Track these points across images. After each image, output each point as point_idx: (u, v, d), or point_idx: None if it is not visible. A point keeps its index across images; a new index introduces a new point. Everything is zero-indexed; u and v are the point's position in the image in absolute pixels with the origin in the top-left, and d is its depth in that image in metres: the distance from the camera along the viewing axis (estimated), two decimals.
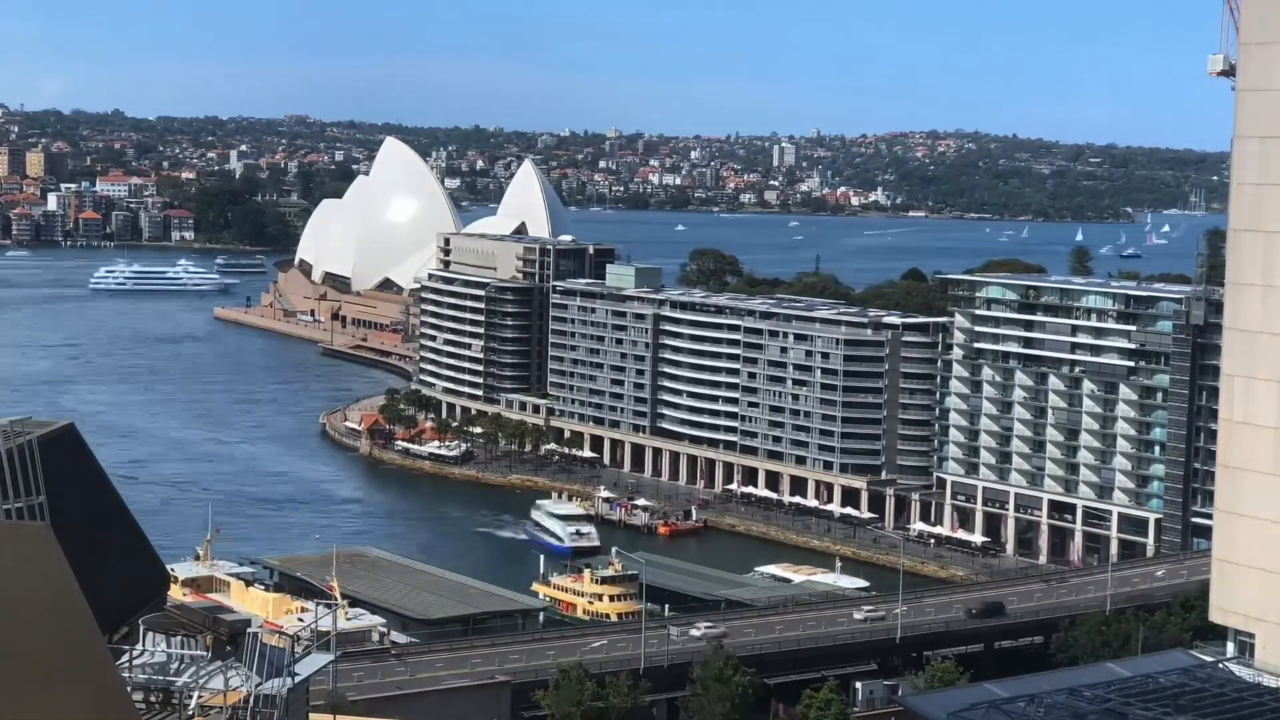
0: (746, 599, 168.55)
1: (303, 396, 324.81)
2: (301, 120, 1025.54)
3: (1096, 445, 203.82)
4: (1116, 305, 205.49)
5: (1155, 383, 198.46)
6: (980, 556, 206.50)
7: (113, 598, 35.45)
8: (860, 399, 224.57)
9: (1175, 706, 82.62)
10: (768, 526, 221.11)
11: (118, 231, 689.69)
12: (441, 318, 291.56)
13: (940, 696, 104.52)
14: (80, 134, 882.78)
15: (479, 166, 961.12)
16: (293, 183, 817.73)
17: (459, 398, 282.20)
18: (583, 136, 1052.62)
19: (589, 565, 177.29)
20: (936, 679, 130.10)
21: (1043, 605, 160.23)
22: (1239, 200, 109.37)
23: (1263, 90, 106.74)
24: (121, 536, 40.77)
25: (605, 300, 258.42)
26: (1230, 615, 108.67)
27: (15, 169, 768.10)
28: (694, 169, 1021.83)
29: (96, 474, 40.74)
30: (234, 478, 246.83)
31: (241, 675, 33.88)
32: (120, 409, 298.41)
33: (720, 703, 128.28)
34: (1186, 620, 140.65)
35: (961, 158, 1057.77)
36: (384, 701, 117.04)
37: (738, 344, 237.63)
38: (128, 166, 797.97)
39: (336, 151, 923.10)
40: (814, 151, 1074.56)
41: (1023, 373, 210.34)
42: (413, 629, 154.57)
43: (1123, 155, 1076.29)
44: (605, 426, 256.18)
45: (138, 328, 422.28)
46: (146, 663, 34.03)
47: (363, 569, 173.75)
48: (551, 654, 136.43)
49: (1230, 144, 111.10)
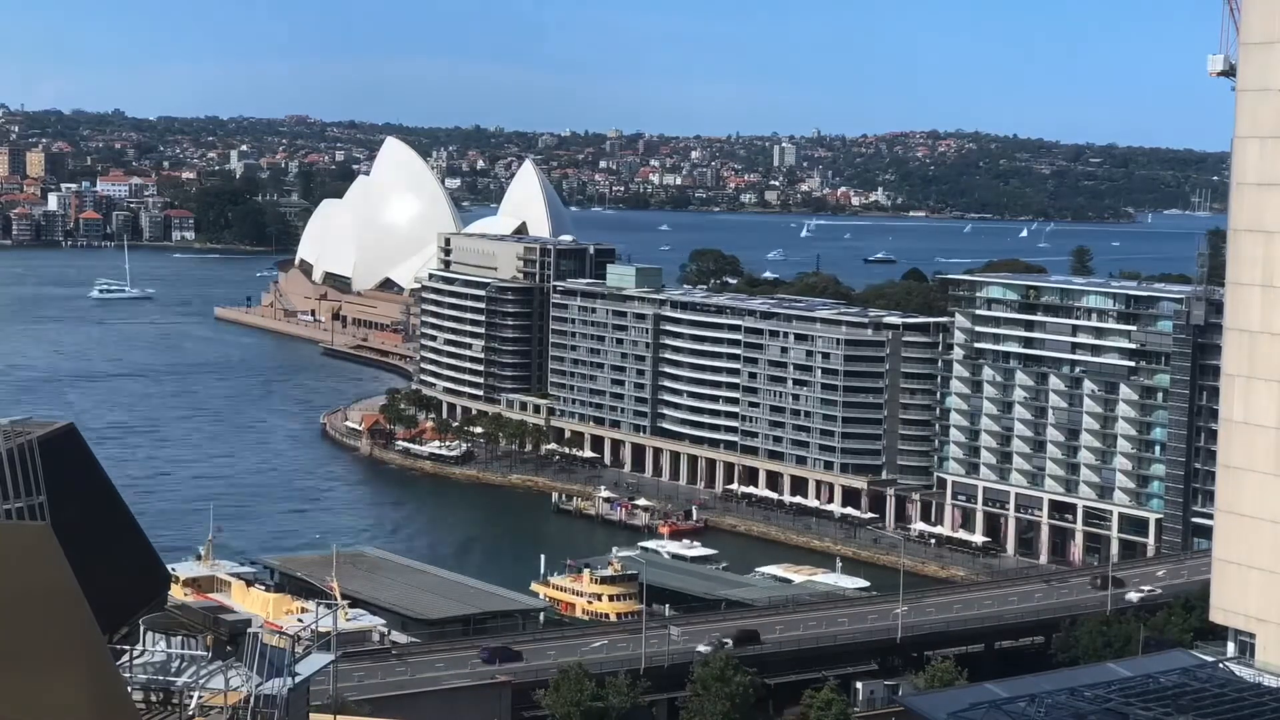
0: (747, 599, 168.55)
1: (303, 396, 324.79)
2: (302, 120, 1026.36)
3: (1097, 445, 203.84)
4: (1117, 305, 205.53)
5: (1156, 383, 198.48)
6: (981, 556, 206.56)
7: (113, 598, 35.45)
8: (861, 399, 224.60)
9: (1176, 707, 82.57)
10: (768, 526, 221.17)
11: (118, 231, 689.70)
12: (442, 318, 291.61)
13: (940, 696, 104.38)
14: (81, 134, 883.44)
15: (479, 166, 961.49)
16: (293, 183, 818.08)
17: (459, 398, 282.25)
18: (583, 136, 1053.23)
19: (588, 565, 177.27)
20: (936, 679, 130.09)
21: (1043, 605, 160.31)
22: (1239, 200, 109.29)
23: (1263, 90, 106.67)
24: (121, 536, 40.78)
25: (606, 300, 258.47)
26: (1231, 615, 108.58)
27: (16, 169, 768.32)
28: (694, 169, 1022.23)
29: (97, 474, 40.75)
30: (234, 478, 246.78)
31: (242, 675, 33.90)
32: (120, 409, 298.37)
33: (720, 702, 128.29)
34: (1187, 620, 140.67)
35: (962, 158, 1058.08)
36: (384, 701, 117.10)
37: (738, 344, 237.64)
38: (128, 166, 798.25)
39: (337, 151, 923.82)
40: (814, 151, 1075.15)
41: (1023, 373, 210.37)
42: (413, 629, 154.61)
43: (1123, 155, 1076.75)
44: (606, 426, 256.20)
45: (138, 327, 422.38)
46: (146, 663, 34.04)
47: (363, 569, 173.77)
48: (552, 654, 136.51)
49: (1230, 144, 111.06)
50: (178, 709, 33.35)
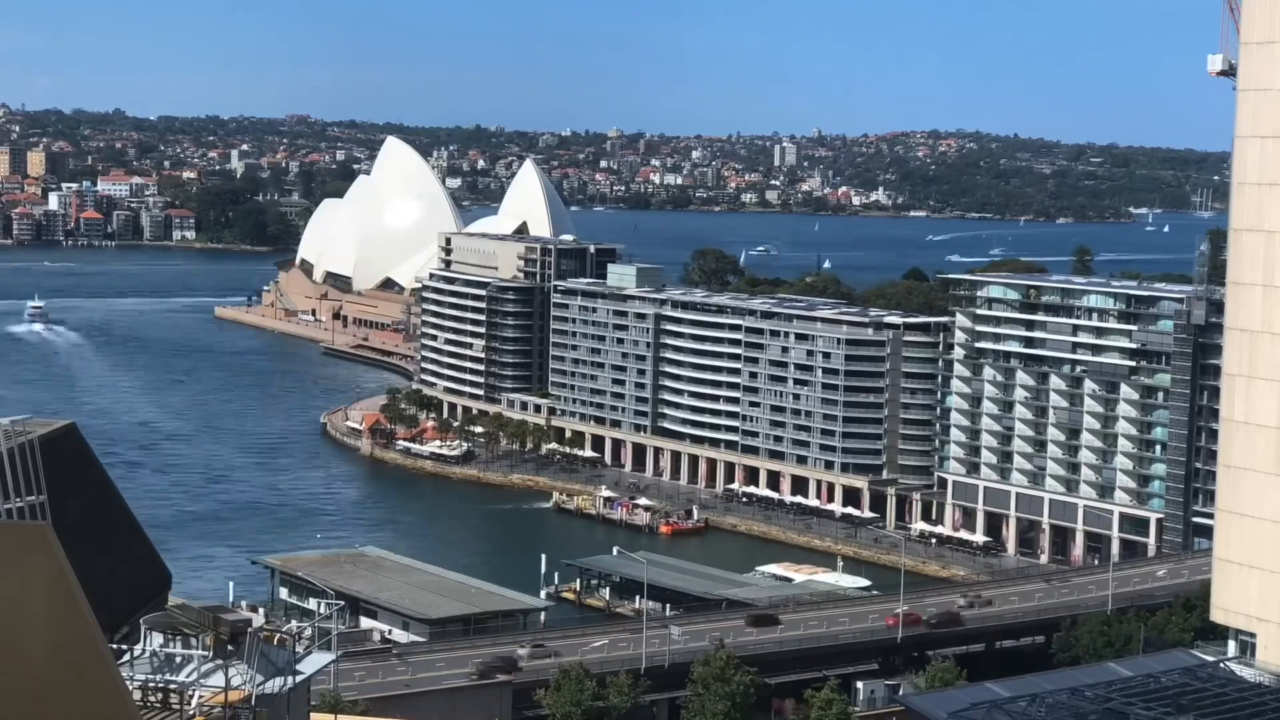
0: (747, 599, 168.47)
1: (304, 396, 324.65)
2: (303, 120, 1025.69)
3: (1098, 445, 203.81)
4: (1117, 305, 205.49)
5: (1156, 382, 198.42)
6: (981, 556, 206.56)
7: (113, 597, 35.47)
8: (861, 399, 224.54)
9: (1176, 706, 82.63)
10: (769, 526, 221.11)
11: (119, 231, 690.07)
12: (443, 317, 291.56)
13: (941, 696, 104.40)
14: (81, 133, 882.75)
15: (480, 166, 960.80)
16: (294, 182, 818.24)
17: (460, 397, 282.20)
18: (584, 136, 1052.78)
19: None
20: (937, 679, 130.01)
21: (1044, 605, 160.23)
22: (1239, 200, 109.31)
23: (1263, 90, 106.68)
24: (122, 536, 40.80)
25: (606, 300, 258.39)
26: (1231, 615, 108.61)
27: (16, 168, 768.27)
28: (695, 169, 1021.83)
29: (97, 474, 40.77)
30: (234, 478, 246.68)
31: (242, 675, 33.90)
32: (119, 408, 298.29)
33: (720, 702, 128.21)
34: (1187, 620, 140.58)
35: (963, 157, 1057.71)
36: (384, 701, 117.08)
37: (739, 344, 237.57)
38: (129, 166, 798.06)
39: (338, 151, 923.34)
40: (815, 151, 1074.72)
41: (1024, 372, 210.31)
42: (413, 629, 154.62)
43: (1123, 155, 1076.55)
44: (606, 426, 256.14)
45: (136, 327, 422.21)
46: (147, 662, 34.05)
47: (363, 569, 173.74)
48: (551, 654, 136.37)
49: (1231, 144, 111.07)
50: (177, 709, 33.35)
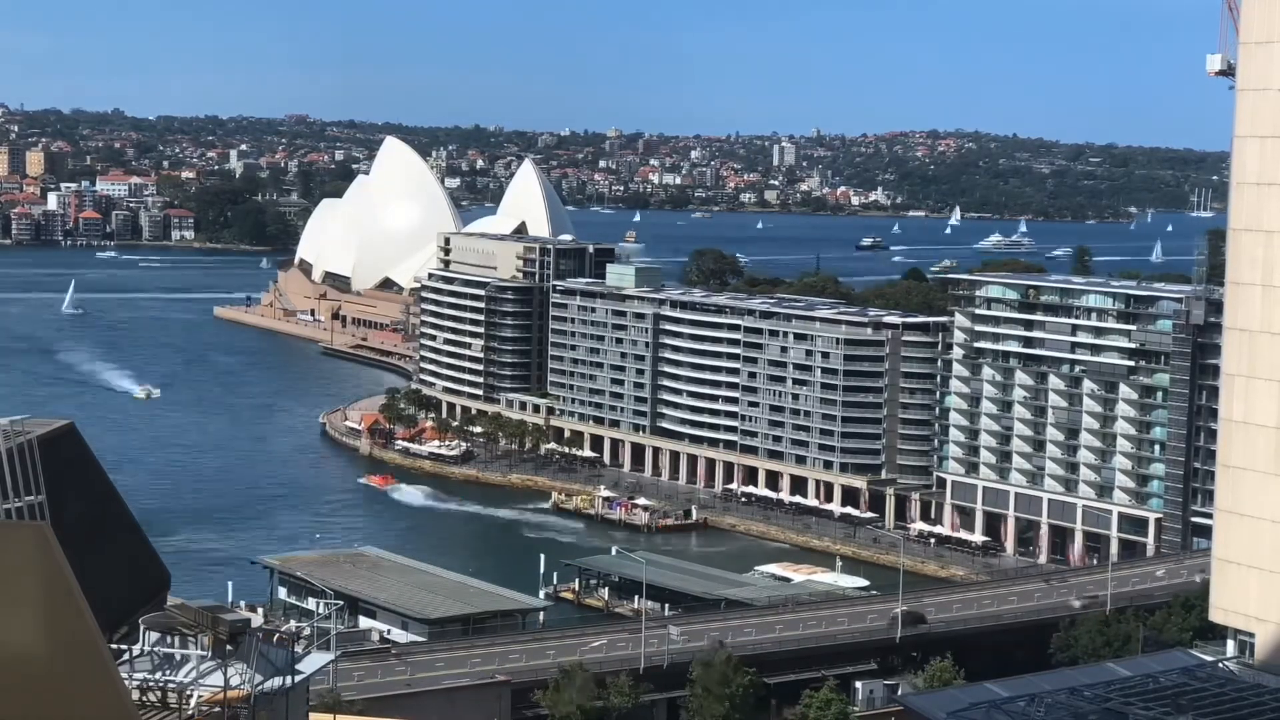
0: (746, 598, 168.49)
1: (302, 396, 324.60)
2: (302, 120, 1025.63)
3: (1096, 445, 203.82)
4: (1116, 305, 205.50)
5: (1155, 382, 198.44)
6: (980, 556, 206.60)
7: (113, 598, 35.45)
8: (860, 398, 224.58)
9: (1175, 706, 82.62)
10: (768, 526, 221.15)
11: (118, 231, 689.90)
12: (441, 317, 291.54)
13: (940, 696, 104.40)
14: (80, 133, 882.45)
15: (479, 166, 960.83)
16: (293, 182, 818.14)
17: (459, 397, 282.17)
18: (583, 136, 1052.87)
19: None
20: (936, 679, 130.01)
21: (1043, 605, 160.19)
22: (1239, 200, 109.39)
23: (1263, 90, 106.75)
24: (121, 536, 40.76)
25: (605, 300, 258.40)
26: (1230, 615, 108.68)
27: (15, 168, 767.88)
28: (694, 168, 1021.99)
29: (97, 474, 40.72)
30: (233, 477, 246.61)
31: (241, 675, 33.87)
32: (119, 408, 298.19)
33: (720, 703, 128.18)
34: (1187, 620, 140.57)
35: (962, 157, 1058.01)
36: (384, 701, 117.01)
37: (738, 343, 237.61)
38: (128, 166, 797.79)
39: (336, 151, 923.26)
40: (814, 151, 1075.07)
41: (1023, 372, 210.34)
42: (412, 629, 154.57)
43: (1123, 155, 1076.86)
44: (605, 426, 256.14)
45: (135, 326, 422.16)
46: (146, 662, 34.03)
47: (362, 569, 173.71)
48: (551, 654, 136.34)
49: (1230, 144, 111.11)
50: (177, 709, 33.33)
